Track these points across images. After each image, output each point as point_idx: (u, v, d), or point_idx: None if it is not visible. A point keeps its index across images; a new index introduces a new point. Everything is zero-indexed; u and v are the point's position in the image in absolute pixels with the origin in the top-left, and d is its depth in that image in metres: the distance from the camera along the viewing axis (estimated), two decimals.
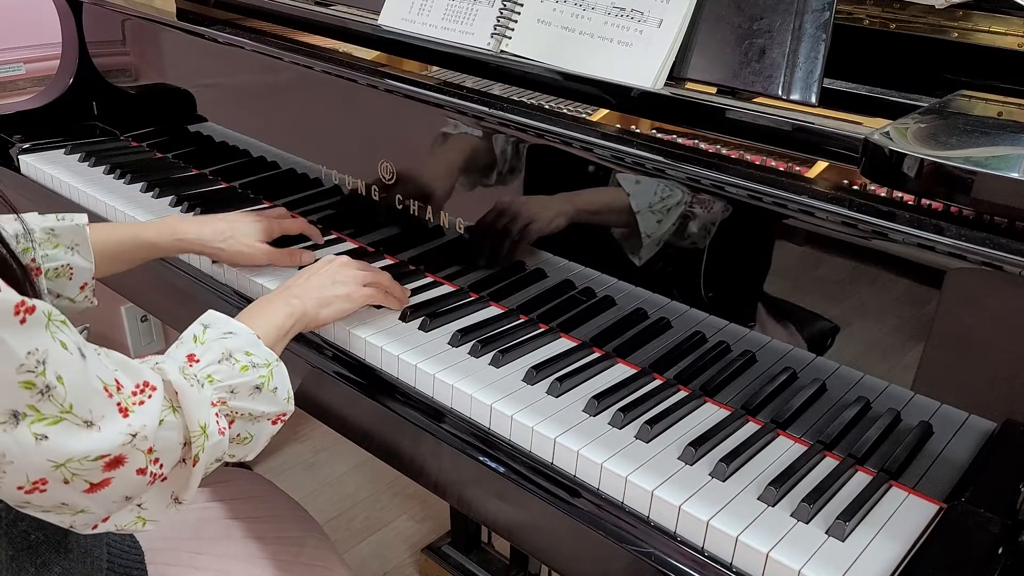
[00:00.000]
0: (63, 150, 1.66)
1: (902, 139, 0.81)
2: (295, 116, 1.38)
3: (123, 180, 1.53)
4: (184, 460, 0.78)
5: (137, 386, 0.74)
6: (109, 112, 1.79)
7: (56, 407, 0.66)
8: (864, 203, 0.83)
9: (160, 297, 1.39)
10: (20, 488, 0.68)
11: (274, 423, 0.89)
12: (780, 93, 0.96)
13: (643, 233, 1.01)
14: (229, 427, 0.83)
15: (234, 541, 1.06)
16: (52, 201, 1.53)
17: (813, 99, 0.95)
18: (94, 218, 1.15)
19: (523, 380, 1.00)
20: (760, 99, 1.00)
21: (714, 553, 0.81)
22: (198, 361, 0.83)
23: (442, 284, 1.22)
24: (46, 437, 0.66)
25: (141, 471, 0.73)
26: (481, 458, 0.93)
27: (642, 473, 0.86)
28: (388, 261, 1.27)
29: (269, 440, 0.90)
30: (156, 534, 1.02)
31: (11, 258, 0.70)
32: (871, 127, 0.90)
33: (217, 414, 0.80)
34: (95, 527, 0.75)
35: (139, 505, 0.77)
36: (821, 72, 0.94)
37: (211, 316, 0.90)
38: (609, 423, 0.93)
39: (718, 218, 0.95)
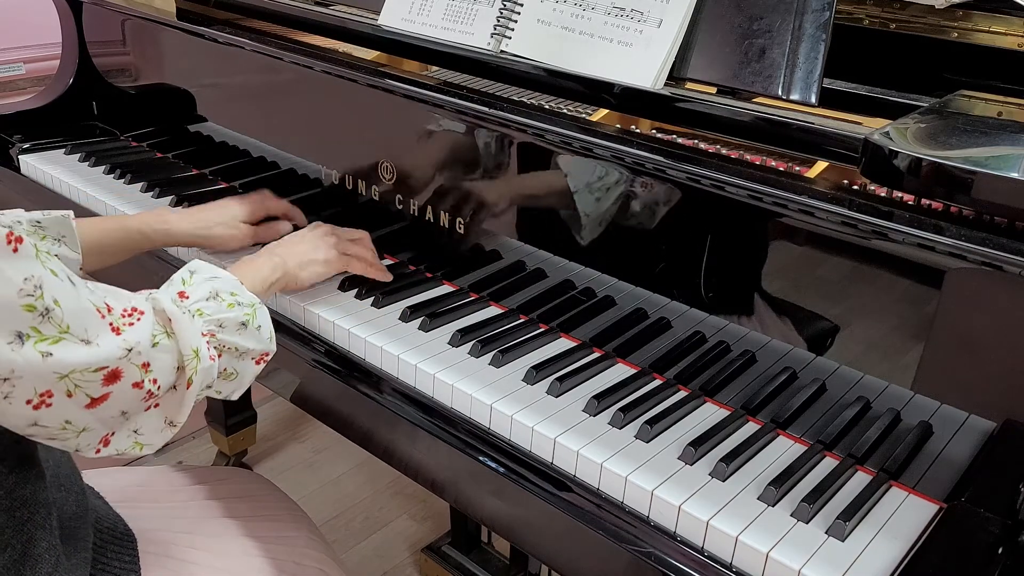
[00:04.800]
0: (63, 150, 1.66)
1: (902, 139, 0.81)
2: (295, 116, 1.38)
3: (123, 180, 1.53)
4: (176, 386, 0.85)
5: (125, 310, 0.80)
6: (109, 112, 1.79)
7: (55, 328, 0.72)
8: (864, 203, 0.83)
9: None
10: (29, 402, 0.73)
11: (257, 362, 0.96)
12: (780, 93, 0.96)
13: (642, 232, 1.01)
14: (218, 358, 0.90)
15: (229, 539, 1.06)
16: (52, 201, 1.53)
17: (813, 99, 0.95)
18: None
19: (523, 380, 1.00)
20: (760, 99, 1.00)
21: (714, 553, 0.81)
22: (188, 298, 0.91)
23: (442, 284, 1.22)
24: (51, 354, 0.72)
25: (137, 384, 0.79)
26: (481, 458, 0.93)
27: (642, 473, 0.86)
28: (388, 261, 1.27)
29: (253, 380, 0.97)
30: (152, 524, 1.02)
31: None
32: (871, 127, 0.90)
33: (207, 344, 0.87)
34: (98, 451, 0.82)
35: (135, 431, 0.84)
36: (821, 72, 0.94)
37: (197, 263, 0.97)
38: (609, 423, 0.93)
39: (718, 218, 0.95)
